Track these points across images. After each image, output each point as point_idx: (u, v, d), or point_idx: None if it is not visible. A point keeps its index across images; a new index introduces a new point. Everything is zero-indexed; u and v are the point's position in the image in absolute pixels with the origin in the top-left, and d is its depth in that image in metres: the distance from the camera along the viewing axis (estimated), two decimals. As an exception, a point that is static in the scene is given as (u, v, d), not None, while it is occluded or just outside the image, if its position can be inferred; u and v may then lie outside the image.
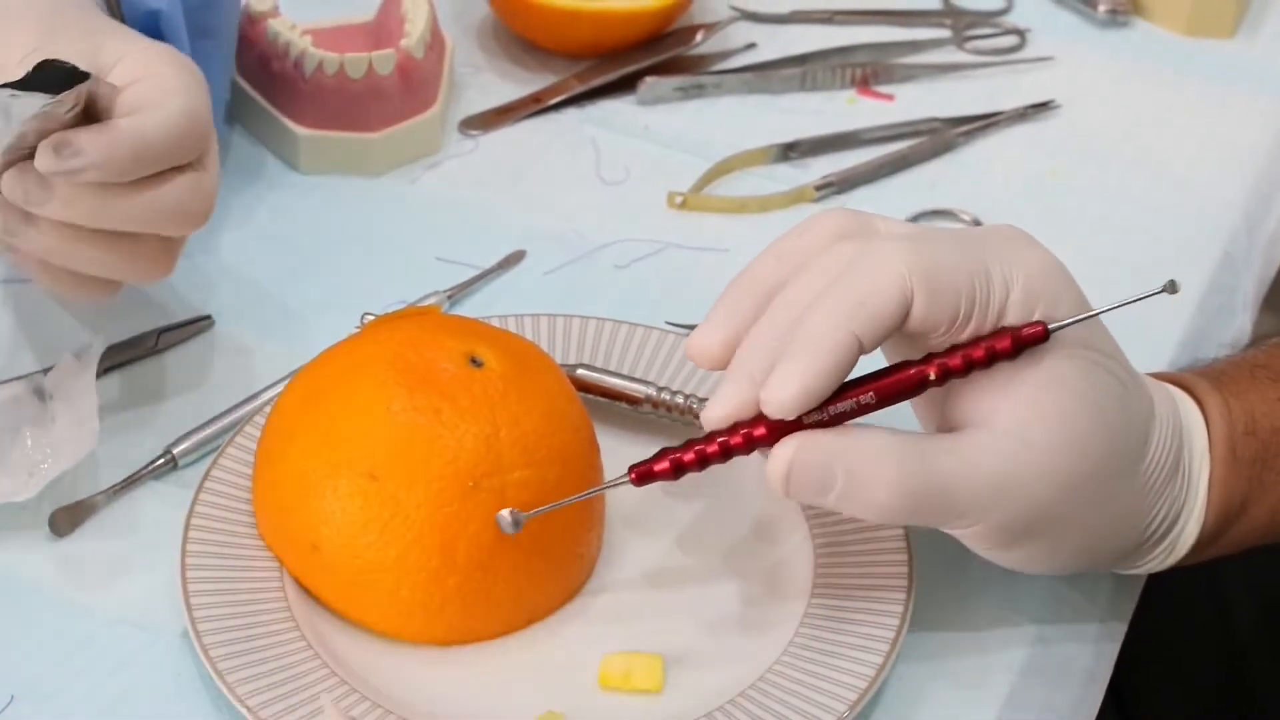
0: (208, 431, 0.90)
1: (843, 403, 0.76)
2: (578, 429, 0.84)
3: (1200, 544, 0.83)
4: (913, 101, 1.16)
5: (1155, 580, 0.90)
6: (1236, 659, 1.14)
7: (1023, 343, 0.76)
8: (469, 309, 0.99)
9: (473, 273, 1.01)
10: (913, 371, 0.77)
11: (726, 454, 0.78)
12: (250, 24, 1.08)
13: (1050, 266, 0.78)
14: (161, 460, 0.89)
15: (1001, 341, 0.76)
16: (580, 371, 0.91)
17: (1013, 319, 0.76)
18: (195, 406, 0.92)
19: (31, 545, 0.86)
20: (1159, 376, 0.83)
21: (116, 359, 0.94)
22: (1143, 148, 1.14)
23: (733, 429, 0.77)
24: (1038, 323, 0.76)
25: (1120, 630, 0.87)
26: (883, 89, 1.17)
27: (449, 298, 0.99)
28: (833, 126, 1.13)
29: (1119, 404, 0.78)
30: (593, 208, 1.07)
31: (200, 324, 0.97)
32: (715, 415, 0.77)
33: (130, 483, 0.89)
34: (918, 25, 1.23)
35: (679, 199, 1.07)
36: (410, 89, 1.07)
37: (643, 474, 0.78)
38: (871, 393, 0.77)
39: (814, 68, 1.17)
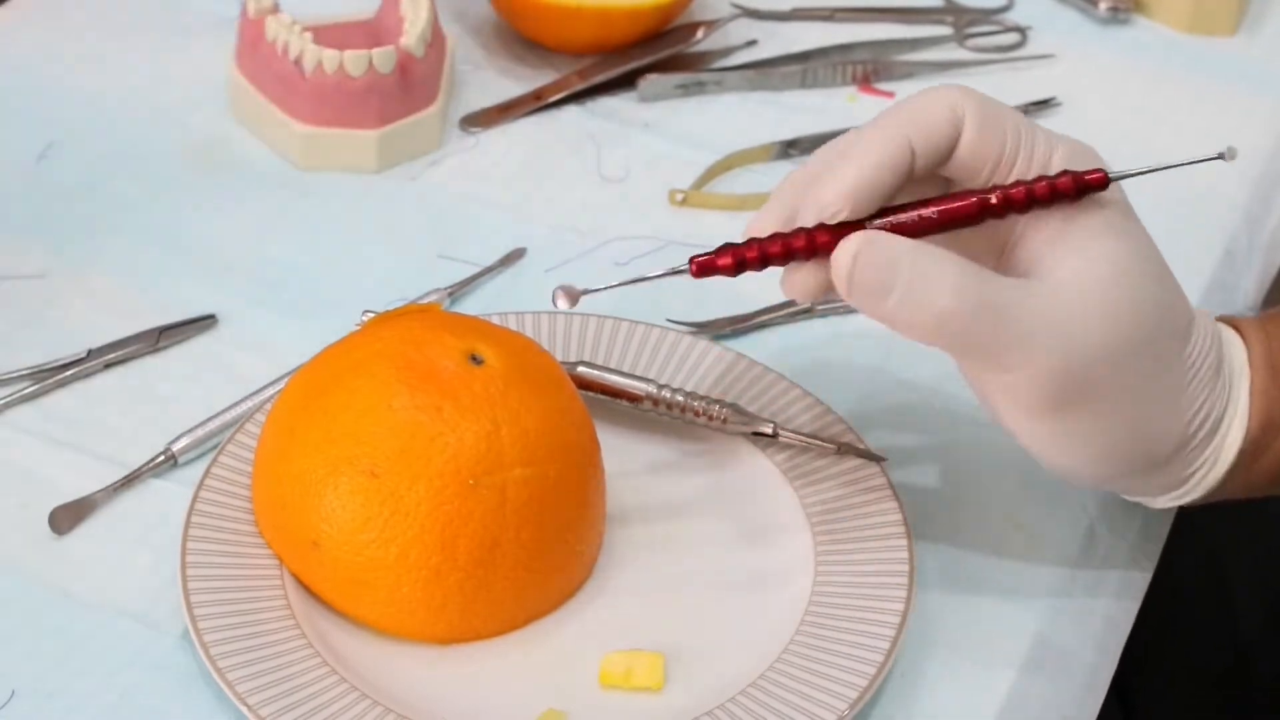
0: (208, 429, 0.90)
1: (904, 214, 0.77)
2: (578, 427, 0.84)
3: (1243, 458, 0.83)
4: (914, 99, 1.16)
5: (1160, 578, 0.90)
6: (1241, 657, 1.15)
7: (1085, 185, 0.77)
8: (470, 306, 0.99)
9: (473, 270, 1.01)
10: (975, 197, 0.77)
11: (788, 254, 0.77)
12: (250, 22, 1.08)
13: (1091, 149, 0.79)
14: (162, 458, 0.89)
15: (1063, 181, 0.77)
16: (581, 369, 0.91)
17: (1056, 165, 0.78)
18: (196, 404, 0.92)
19: (31, 542, 0.86)
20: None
21: (118, 356, 0.94)
22: (1143, 145, 1.14)
23: (795, 232, 0.77)
24: (1099, 170, 0.78)
25: (1124, 629, 0.87)
26: (883, 86, 1.17)
27: (450, 295, 0.99)
28: (834, 124, 1.13)
29: (1164, 283, 0.79)
30: (593, 205, 1.07)
31: (202, 322, 0.97)
32: (755, 226, 0.78)
33: (130, 480, 0.89)
34: (919, 22, 1.23)
35: (680, 196, 1.07)
36: (410, 86, 1.07)
37: (703, 265, 0.78)
38: (935, 210, 0.77)
39: (815, 65, 1.17)
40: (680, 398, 0.90)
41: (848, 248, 0.76)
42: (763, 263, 0.77)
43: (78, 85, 1.13)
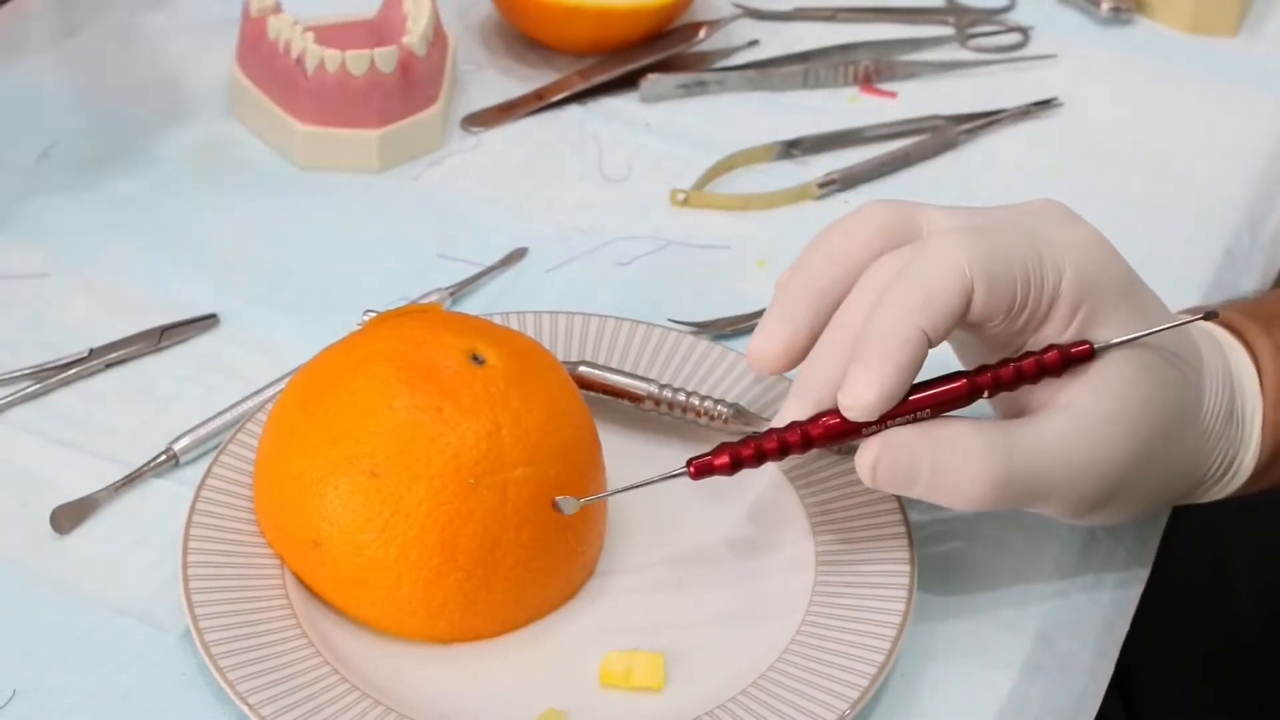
0: (209, 428, 0.90)
1: (902, 413, 0.79)
2: (579, 426, 0.84)
3: (1255, 476, 0.86)
4: (915, 99, 1.16)
5: (1160, 576, 0.90)
6: (1244, 654, 1.15)
7: (1071, 360, 0.79)
8: (471, 306, 0.99)
9: (475, 270, 1.01)
10: (965, 382, 0.79)
11: (784, 450, 0.79)
12: (252, 21, 1.08)
13: (1098, 244, 0.80)
14: (163, 457, 0.89)
15: (1050, 357, 0.79)
16: (582, 369, 0.91)
17: (1065, 305, 0.79)
18: (197, 404, 0.92)
19: (33, 542, 0.86)
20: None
21: (119, 355, 0.94)
22: (1145, 146, 1.14)
23: (789, 427, 0.79)
24: (1084, 342, 0.79)
25: (1123, 629, 0.87)
26: (885, 86, 1.17)
27: (451, 295, 0.99)
28: (835, 124, 1.13)
29: (1173, 368, 0.81)
30: (595, 205, 1.07)
31: (203, 322, 0.97)
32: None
33: (132, 480, 0.89)
34: (920, 23, 1.23)
35: (681, 196, 1.07)
36: (412, 86, 1.07)
37: (701, 468, 0.80)
38: (928, 409, 0.79)
39: (816, 65, 1.17)
40: (681, 398, 0.90)
41: (868, 455, 0.78)
42: (759, 460, 0.80)
43: (78, 85, 1.13)
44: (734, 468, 0.80)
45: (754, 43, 1.20)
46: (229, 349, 0.96)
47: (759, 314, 0.97)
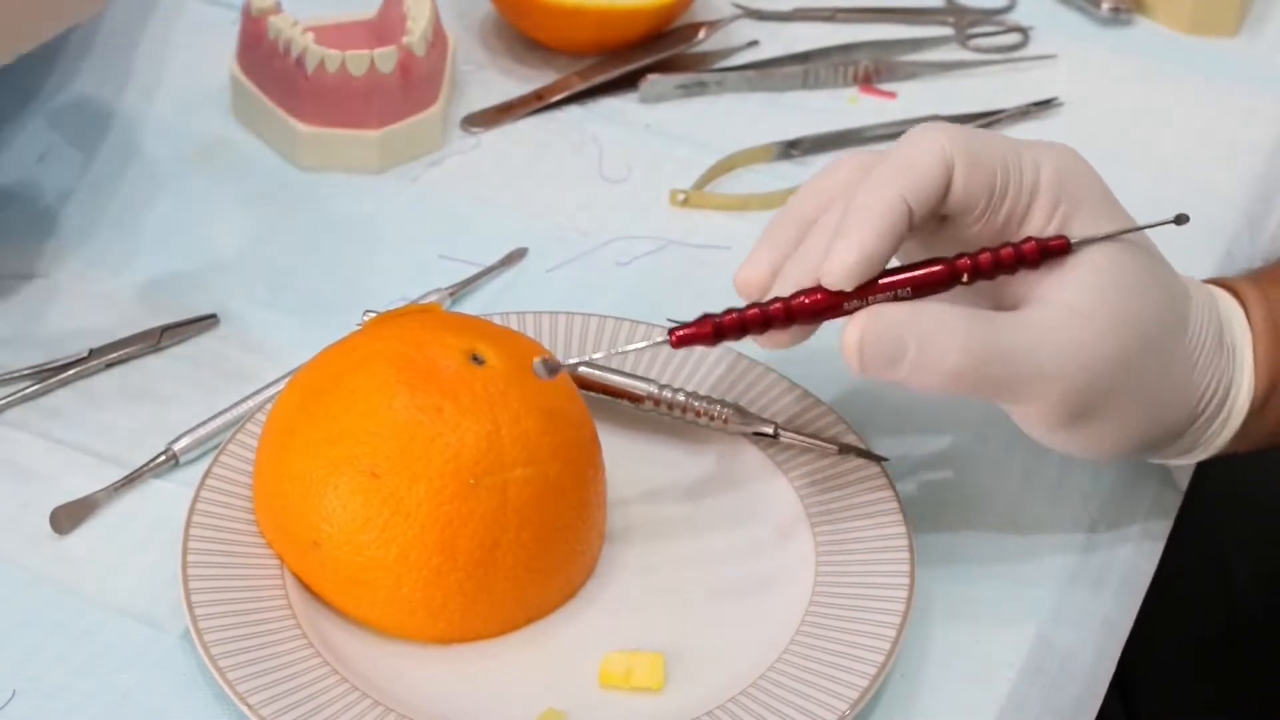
0: (209, 429, 0.91)
1: (880, 294, 0.79)
2: (579, 427, 0.84)
3: (1254, 417, 0.85)
4: (915, 99, 1.16)
5: (1159, 571, 0.90)
6: (1243, 650, 1.15)
7: (1048, 251, 0.79)
8: (471, 306, 0.99)
9: (474, 270, 1.01)
10: (945, 266, 0.80)
11: (766, 322, 0.80)
12: (252, 21, 1.08)
13: (1071, 153, 0.82)
14: (163, 458, 0.89)
15: (1028, 247, 0.79)
16: (582, 369, 0.91)
17: (1044, 200, 0.80)
18: (197, 404, 0.92)
19: (32, 542, 0.86)
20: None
21: (119, 356, 0.94)
22: (1145, 146, 1.14)
23: (771, 301, 0.80)
24: (1061, 236, 0.80)
25: (1124, 630, 0.87)
26: (885, 87, 1.17)
27: (450, 295, 0.99)
28: (835, 124, 1.13)
29: (1153, 277, 0.82)
30: (594, 205, 1.07)
31: (203, 322, 0.97)
32: (748, 273, 0.81)
33: (131, 480, 0.89)
34: (920, 23, 1.23)
35: (681, 197, 1.07)
36: (412, 86, 1.07)
37: (683, 338, 0.80)
38: (909, 287, 0.79)
39: (816, 65, 1.17)
40: (681, 398, 0.90)
41: (854, 329, 0.78)
42: (741, 331, 0.80)
43: (78, 86, 1.13)
44: (716, 337, 0.80)
45: (754, 43, 1.20)
46: (229, 349, 0.96)
47: (759, 314, 0.98)
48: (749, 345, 0.95)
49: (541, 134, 1.12)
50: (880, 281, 0.79)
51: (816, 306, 0.79)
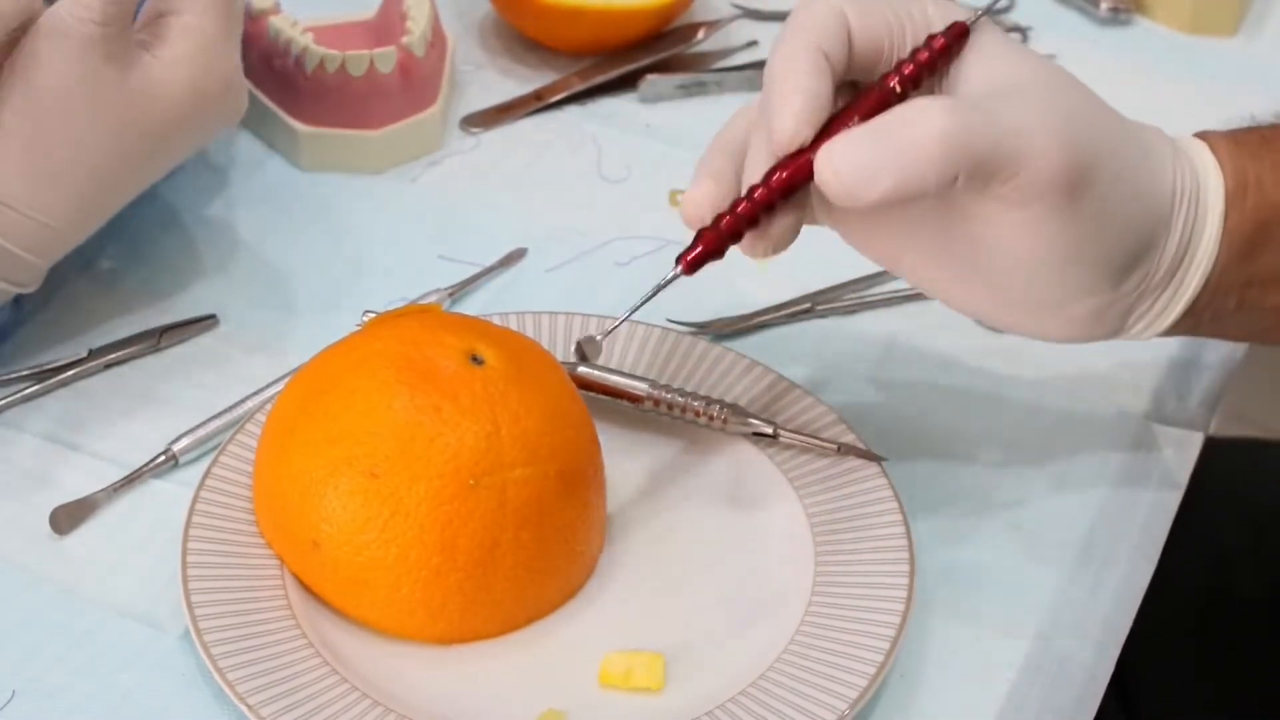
0: (209, 429, 0.91)
1: (836, 126, 0.78)
2: (579, 427, 0.84)
3: (1228, 221, 0.81)
4: (914, 99, 1.16)
5: (1160, 571, 0.90)
6: (1243, 650, 1.15)
7: (954, 35, 0.79)
8: (470, 307, 0.99)
9: (474, 271, 1.01)
10: (874, 89, 0.79)
11: (758, 210, 0.79)
12: (252, 21, 1.08)
13: None
14: (162, 458, 0.89)
15: (938, 42, 0.79)
16: (581, 369, 0.91)
17: (938, 23, 0.80)
18: (196, 404, 0.92)
19: (32, 543, 0.86)
20: None
21: (119, 356, 0.94)
22: (1144, 146, 1.13)
23: (751, 190, 0.79)
24: (956, 22, 0.80)
25: (1123, 630, 0.87)
26: (884, 87, 1.17)
27: (450, 295, 0.99)
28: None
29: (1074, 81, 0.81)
30: (594, 206, 1.07)
31: (203, 322, 0.97)
32: (695, 195, 0.81)
33: (131, 480, 0.89)
34: (919, 23, 1.22)
35: (680, 197, 1.07)
36: (411, 86, 1.07)
37: (693, 261, 0.80)
38: (856, 116, 0.78)
39: (815, 65, 1.17)
40: (680, 398, 0.90)
41: (824, 159, 0.76)
42: (740, 229, 0.80)
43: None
44: (719, 250, 0.80)
45: (753, 43, 1.20)
46: (228, 349, 0.96)
47: (759, 314, 0.98)
48: (747, 345, 0.95)
49: (541, 134, 1.12)
50: (833, 123, 0.78)
51: (793, 177, 0.78)
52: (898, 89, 0.79)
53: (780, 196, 0.79)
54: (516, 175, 1.09)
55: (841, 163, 0.76)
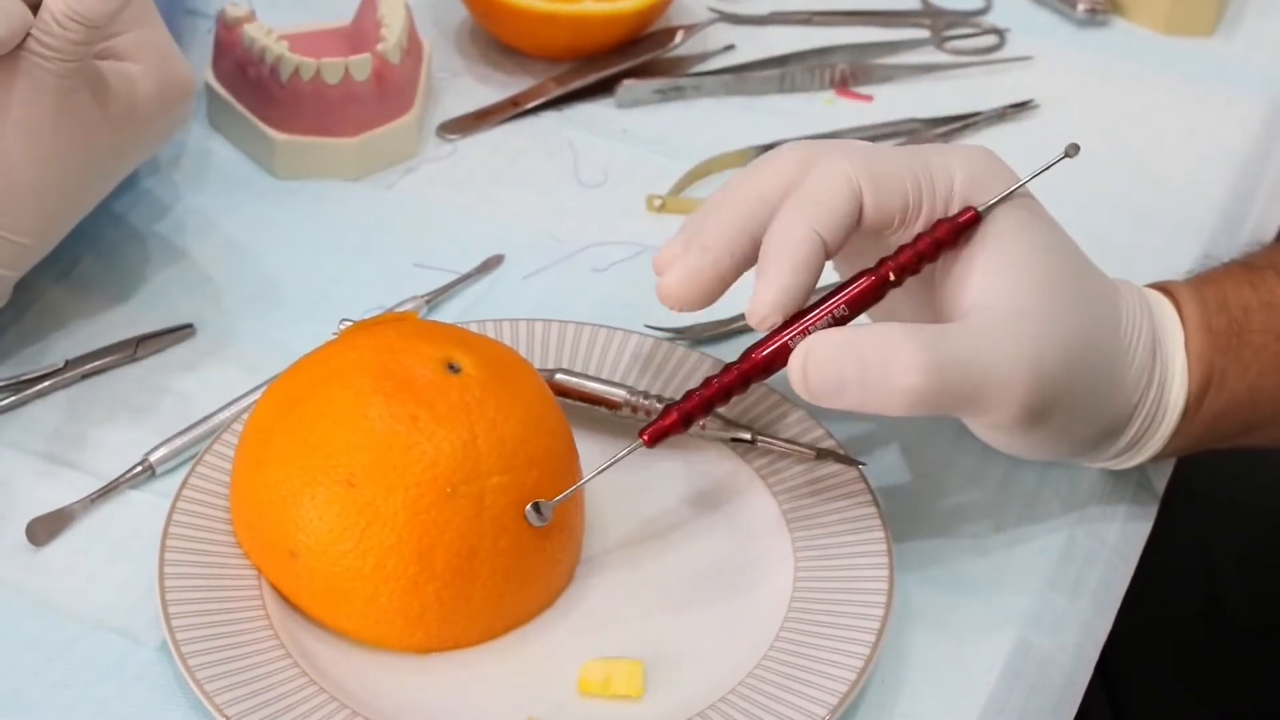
0: (185, 439, 0.90)
1: (818, 319, 0.80)
2: (556, 434, 0.84)
3: (1189, 412, 0.86)
4: (891, 102, 1.16)
5: (1145, 571, 0.90)
6: (1231, 648, 1.15)
7: (959, 228, 0.80)
8: (447, 314, 0.99)
9: (451, 278, 1.01)
10: (871, 276, 0.81)
11: (727, 394, 0.82)
12: (226, 29, 1.08)
13: (984, 154, 0.83)
14: (139, 469, 0.89)
15: (942, 231, 0.80)
16: (558, 376, 0.91)
17: (960, 203, 0.81)
18: (173, 414, 0.92)
19: (9, 554, 0.86)
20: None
21: (95, 366, 0.94)
22: (1122, 147, 1.14)
23: (724, 370, 0.81)
24: (968, 208, 0.80)
25: (1103, 633, 0.87)
26: (861, 90, 1.17)
27: (427, 303, 0.99)
28: (812, 128, 1.13)
29: (1079, 265, 0.83)
30: (571, 211, 1.07)
31: (180, 332, 0.96)
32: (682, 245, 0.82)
33: (108, 491, 0.88)
34: (896, 26, 1.23)
35: (658, 202, 1.07)
36: (387, 93, 1.07)
37: (655, 433, 0.82)
38: (844, 305, 0.80)
39: (793, 69, 1.17)
40: (658, 404, 0.90)
41: (797, 357, 0.78)
42: (706, 409, 0.82)
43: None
44: (685, 424, 0.82)
45: (730, 47, 1.20)
46: (205, 359, 0.96)
47: (736, 320, 0.98)
48: (725, 351, 0.95)
49: (517, 140, 1.12)
50: (814, 309, 0.80)
51: (768, 360, 0.80)
52: (892, 278, 0.81)
53: (754, 379, 0.81)
54: (493, 181, 1.09)
55: (814, 372, 0.78)
